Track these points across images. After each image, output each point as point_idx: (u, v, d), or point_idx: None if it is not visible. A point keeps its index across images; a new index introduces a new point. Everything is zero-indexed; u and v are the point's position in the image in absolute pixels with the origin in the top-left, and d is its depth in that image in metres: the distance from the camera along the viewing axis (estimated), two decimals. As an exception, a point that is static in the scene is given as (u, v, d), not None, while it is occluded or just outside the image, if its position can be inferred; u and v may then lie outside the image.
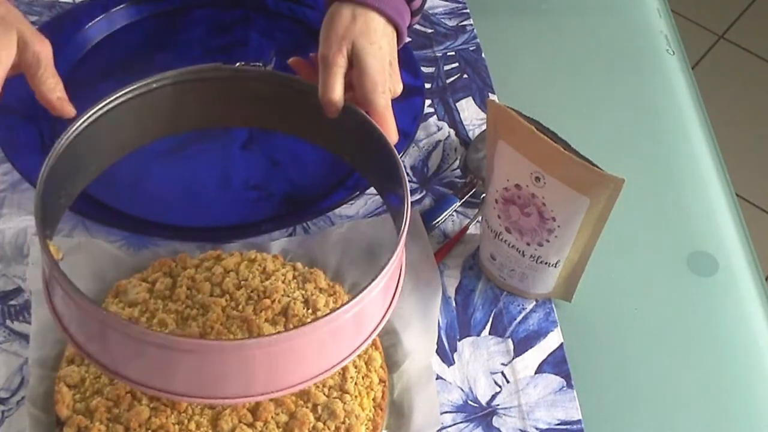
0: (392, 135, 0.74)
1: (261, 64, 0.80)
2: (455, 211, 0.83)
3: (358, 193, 0.82)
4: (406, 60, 0.93)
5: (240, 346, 0.60)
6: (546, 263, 0.74)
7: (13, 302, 0.75)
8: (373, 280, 0.62)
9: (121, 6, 0.97)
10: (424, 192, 0.85)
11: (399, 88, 0.78)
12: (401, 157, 0.85)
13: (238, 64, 0.78)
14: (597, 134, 0.89)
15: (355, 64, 0.74)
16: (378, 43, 0.75)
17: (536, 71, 0.97)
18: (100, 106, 0.72)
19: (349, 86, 0.76)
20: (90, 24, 0.95)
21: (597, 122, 0.92)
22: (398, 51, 0.94)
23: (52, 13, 0.97)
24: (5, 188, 0.82)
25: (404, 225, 0.65)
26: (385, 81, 0.75)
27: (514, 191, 0.70)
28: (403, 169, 0.68)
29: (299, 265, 0.76)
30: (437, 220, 0.81)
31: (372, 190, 0.83)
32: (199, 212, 0.82)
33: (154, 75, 0.74)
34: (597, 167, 0.65)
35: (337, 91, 0.73)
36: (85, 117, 0.70)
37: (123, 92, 0.73)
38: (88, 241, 0.78)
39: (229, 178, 0.85)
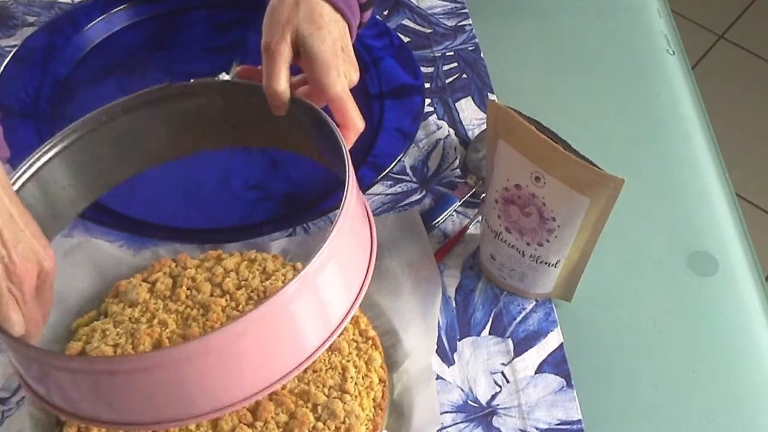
0: (357, 122, 0.69)
1: (219, 77, 0.74)
2: (455, 211, 0.83)
3: (358, 193, 0.82)
4: (406, 59, 0.94)
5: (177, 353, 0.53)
6: (546, 263, 0.73)
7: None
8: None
9: (120, 7, 0.97)
10: (423, 192, 0.84)
11: (356, 76, 0.71)
12: (401, 157, 0.85)
13: (192, 81, 0.73)
14: (597, 134, 0.89)
15: (302, 51, 0.69)
16: (326, 28, 0.69)
17: (536, 71, 0.97)
18: (46, 148, 0.67)
19: (302, 81, 0.71)
20: (89, 25, 0.95)
21: (597, 122, 0.92)
22: (398, 50, 0.94)
23: (50, 14, 0.97)
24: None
25: (348, 186, 0.60)
26: (339, 65, 0.69)
27: (514, 191, 0.70)
28: (348, 155, 0.63)
29: (299, 265, 0.76)
30: (437, 220, 0.81)
31: (372, 190, 0.84)
32: (199, 213, 0.82)
33: (102, 106, 0.71)
34: (597, 167, 0.65)
35: (282, 81, 0.67)
36: (32, 160, 0.66)
37: (72, 128, 0.69)
38: (88, 241, 0.78)
39: (229, 178, 0.85)
